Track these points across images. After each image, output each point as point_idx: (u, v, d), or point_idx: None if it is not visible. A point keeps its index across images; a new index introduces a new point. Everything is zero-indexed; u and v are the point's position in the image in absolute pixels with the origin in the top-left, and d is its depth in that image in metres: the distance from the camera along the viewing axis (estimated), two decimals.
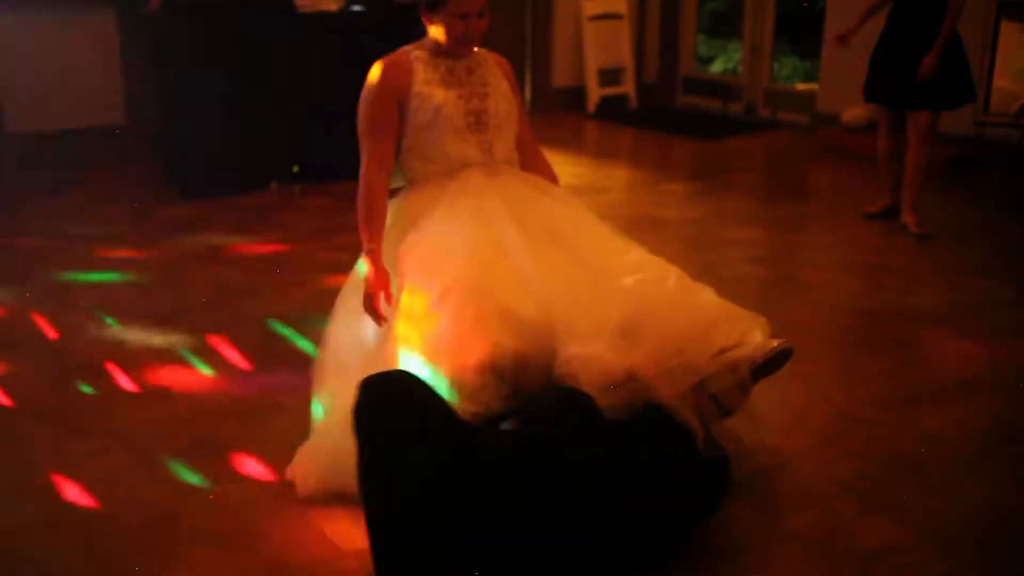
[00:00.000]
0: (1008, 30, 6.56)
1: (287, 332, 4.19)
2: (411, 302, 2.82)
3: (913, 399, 3.71)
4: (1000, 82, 6.76)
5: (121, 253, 5.22)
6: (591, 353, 2.63)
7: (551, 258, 2.86)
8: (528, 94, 8.75)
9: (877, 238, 5.61)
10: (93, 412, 3.54)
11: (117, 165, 6.72)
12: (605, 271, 2.89)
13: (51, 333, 4.21)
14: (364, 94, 3.10)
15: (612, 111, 8.84)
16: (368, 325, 2.96)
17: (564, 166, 6.84)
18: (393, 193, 3.16)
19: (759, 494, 3.05)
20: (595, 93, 8.84)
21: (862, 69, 5.68)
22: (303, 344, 4.04)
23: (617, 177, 6.92)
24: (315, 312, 3.79)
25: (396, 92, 3.06)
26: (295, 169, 6.50)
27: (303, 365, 3.57)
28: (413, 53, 3.13)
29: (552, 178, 3.34)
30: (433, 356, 2.69)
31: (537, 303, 2.72)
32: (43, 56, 6.61)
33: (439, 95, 3.07)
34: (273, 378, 3.79)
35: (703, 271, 4.89)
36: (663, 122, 8.64)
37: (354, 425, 2.49)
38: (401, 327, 2.82)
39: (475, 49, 3.17)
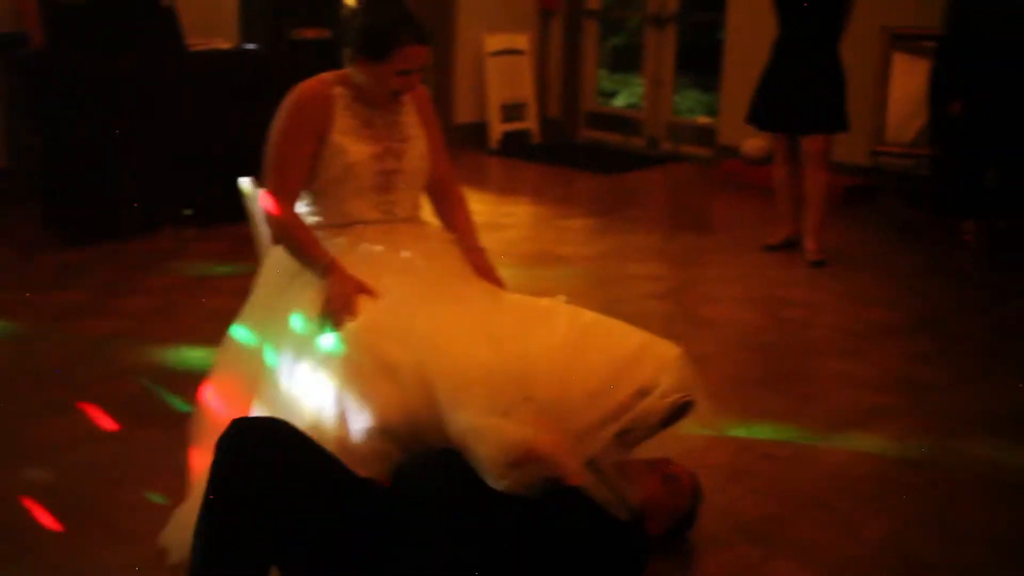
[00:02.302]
0: (900, 60, 6.66)
1: (164, 387, 3.98)
2: (295, 360, 2.68)
3: (815, 433, 3.67)
4: (894, 111, 6.86)
5: (3, 299, 4.97)
6: (486, 425, 2.42)
7: (440, 313, 2.70)
8: None
9: (777, 269, 5.61)
10: None
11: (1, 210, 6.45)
12: (496, 326, 2.72)
13: None
14: (280, 123, 2.91)
15: (515, 147, 8.79)
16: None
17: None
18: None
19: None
20: (497, 129, 8.79)
21: None
22: (179, 402, 3.84)
23: (519, 214, 6.85)
24: (197, 365, 3.61)
25: (316, 127, 2.89)
26: (187, 212, 6.29)
27: (179, 422, 3.37)
28: (335, 89, 2.95)
29: (464, 218, 3.21)
30: (318, 419, 2.53)
31: (428, 363, 2.54)
32: None
33: (354, 152, 2.91)
34: (150, 437, 3.59)
35: (605, 308, 4.79)
36: (566, 157, 8.61)
37: (210, 469, 2.32)
38: (285, 384, 2.67)
39: None
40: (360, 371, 2.53)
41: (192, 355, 4.21)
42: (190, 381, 3.72)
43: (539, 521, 2.42)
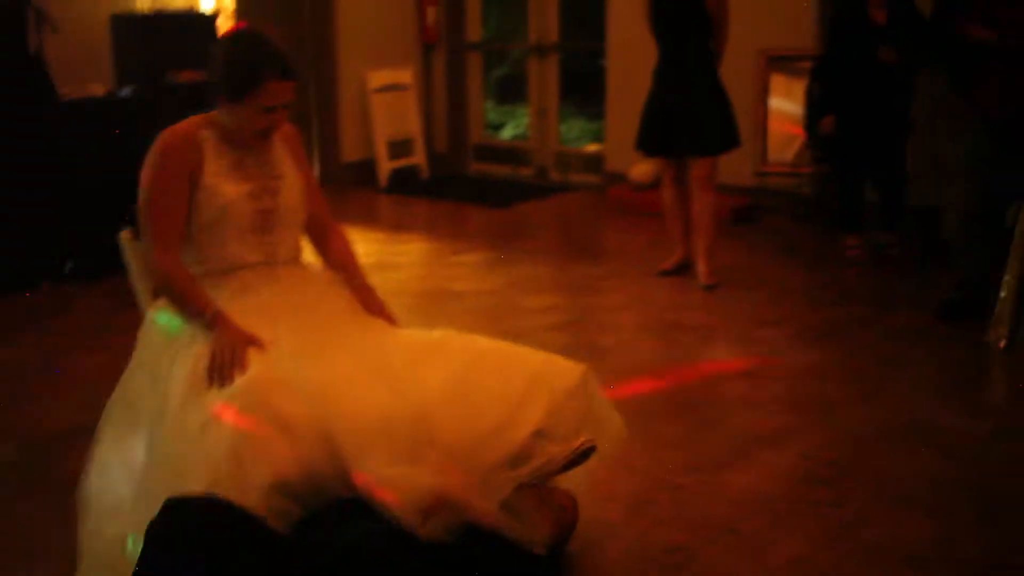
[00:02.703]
0: (777, 82, 6.79)
1: (42, 455, 3.80)
2: (183, 420, 2.56)
3: (718, 458, 3.66)
4: (775, 131, 6.99)
5: None
6: (395, 475, 2.36)
7: (332, 361, 2.62)
8: (317, 171, 8.53)
9: (670, 294, 5.64)
10: None
11: None
12: (390, 368, 2.65)
13: None
14: (149, 170, 2.80)
15: (404, 183, 8.71)
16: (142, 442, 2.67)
17: (357, 243, 6.57)
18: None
19: None
20: (385, 166, 8.70)
21: None
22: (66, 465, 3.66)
23: (410, 252, 6.77)
24: (81, 428, 3.43)
25: (186, 169, 2.79)
26: (68, 266, 6.06)
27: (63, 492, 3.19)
28: (202, 132, 2.86)
29: (347, 255, 3.13)
30: (213, 480, 2.41)
31: (325, 416, 2.46)
32: None
33: (228, 192, 2.82)
34: (37, 508, 3.40)
35: None
36: (456, 191, 8.57)
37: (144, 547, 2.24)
38: (174, 446, 2.54)
39: None
40: (253, 426, 2.43)
41: (76, 418, 4.02)
42: (72, 446, 3.56)
43: (457, 565, 2.36)
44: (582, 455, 2.66)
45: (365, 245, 6.71)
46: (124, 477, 2.71)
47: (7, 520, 3.35)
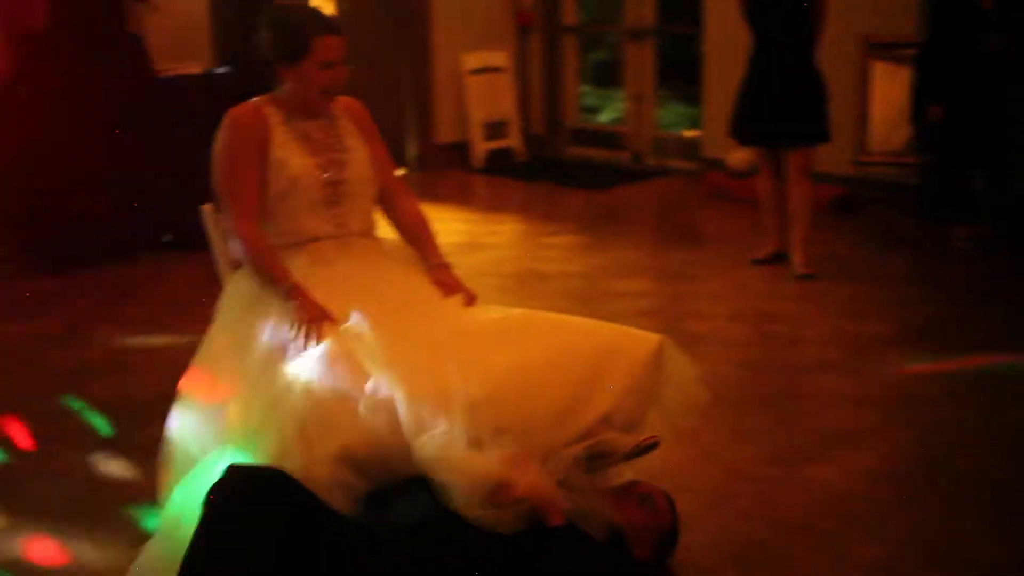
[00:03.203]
0: (879, 70, 6.59)
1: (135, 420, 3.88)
2: (258, 389, 2.59)
3: (802, 453, 3.58)
4: (877, 120, 6.79)
5: None
6: (456, 456, 2.34)
7: (402, 336, 2.61)
8: (412, 152, 8.58)
9: (764, 283, 5.52)
10: None
11: None
12: (460, 347, 2.62)
13: None
14: (221, 146, 2.89)
15: (499, 165, 8.71)
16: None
17: (450, 223, 6.69)
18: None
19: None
20: (480, 147, 8.71)
21: None
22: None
23: (503, 232, 6.75)
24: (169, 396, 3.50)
25: (257, 141, 2.86)
26: (166, 238, 6.20)
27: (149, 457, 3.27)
28: (267, 108, 2.92)
29: (422, 230, 3.12)
30: (282, 450, 2.44)
31: (393, 392, 2.45)
32: None
33: (296, 163, 2.87)
34: (126, 472, 3.49)
35: None
36: (551, 174, 8.53)
37: (201, 516, 2.28)
38: (248, 413, 2.58)
39: (332, 103, 2.98)
40: (323, 399, 2.45)
41: (168, 386, 4.10)
42: (161, 412, 3.64)
43: (521, 558, 2.32)
44: (645, 449, 2.62)
45: (457, 225, 6.73)
46: (203, 438, 2.76)
47: (100, 479, 3.44)
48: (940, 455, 3.56)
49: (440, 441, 2.34)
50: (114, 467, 3.57)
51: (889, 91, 6.75)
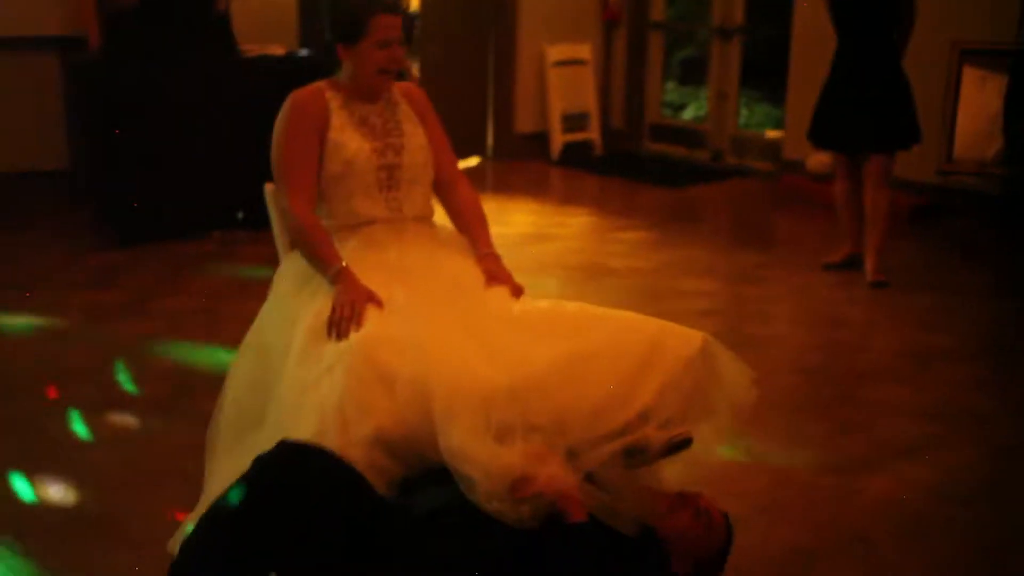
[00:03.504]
0: (970, 76, 6.41)
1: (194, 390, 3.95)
2: (301, 369, 2.62)
3: (857, 463, 3.52)
4: (966, 129, 6.61)
5: (47, 298, 5.00)
6: (477, 447, 2.32)
7: (442, 324, 2.62)
8: (490, 141, 8.59)
9: (834, 289, 5.42)
10: None
11: (59, 210, 6.50)
12: (499, 340, 2.61)
13: None
14: (281, 126, 2.94)
15: (577, 158, 8.67)
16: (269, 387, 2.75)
17: (522, 214, 6.69)
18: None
19: None
20: (559, 139, 8.68)
21: None
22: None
23: (573, 225, 6.71)
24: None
25: (316, 124, 2.91)
26: (240, 216, 6.29)
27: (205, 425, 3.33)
28: (327, 92, 2.98)
29: (476, 219, 3.10)
30: (319, 431, 2.44)
31: (426, 377, 2.45)
32: None
33: (352, 146, 2.91)
34: (178, 440, 3.55)
35: None
36: (628, 169, 8.47)
37: (244, 478, 2.29)
38: (290, 394, 2.61)
39: (391, 88, 3.02)
40: (360, 381, 2.47)
41: (225, 359, 4.17)
42: (219, 384, 3.70)
43: (538, 553, 2.30)
44: (678, 445, 2.54)
45: (529, 216, 6.72)
46: (249, 414, 2.80)
47: (153, 447, 3.52)
48: (1000, 476, 3.46)
49: (464, 433, 2.33)
50: (170, 432, 3.64)
51: (979, 99, 6.56)
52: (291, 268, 2.98)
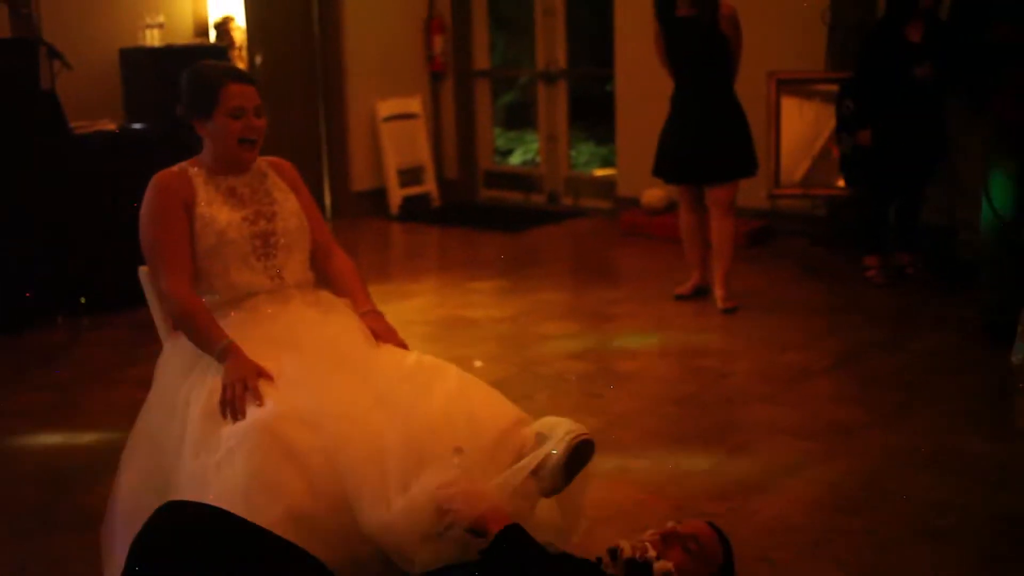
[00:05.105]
0: (788, 104, 6.78)
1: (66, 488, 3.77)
2: (199, 457, 2.55)
3: (746, 486, 3.62)
4: (785, 154, 6.96)
5: None
6: (395, 513, 2.36)
7: (338, 389, 2.63)
8: (328, 200, 8.53)
9: (688, 319, 5.61)
10: None
11: None
12: (394, 394, 2.65)
13: None
14: (147, 209, 2.88)
15: (416, 211, 8.70)
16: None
17: (369, 271, 6.64)
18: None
19: None
20: (396, 194, 8.69)
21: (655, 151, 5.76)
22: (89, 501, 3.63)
23: (425, 280, 6.74)
24: (101, 463, 3.41)
25: (183, 201, 2.86)
26: (82, 300, 6.05)
27: (88, 525, 3.17)
28: (191, 169, 2.94)
29: (353, 280, 3.11)
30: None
31: (331, 446, 2.47)
32: None
33: (222, 218, 2.87)
34: (55, 543, 3.37)
35: (521, 370, 4.79)
36: (467, 218, 8.56)
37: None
38: (191, 484, 2.52)
39: (256, 160, 2.99)
40: (267, 460, 2.43)
41: (96, 452, 4.00)
42: (96, 480, 3.54)
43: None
44: (579, 447, 2.56)
45: (378, 273, 6.70)
46: (148, 510, 2.69)
47: (33, 557, 3.32)
48: (883, 481, 3.64)
49: (371, 509, 2.38)
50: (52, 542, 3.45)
51: (796, 125, 6.93)
52: (175, 352, 2.89)
